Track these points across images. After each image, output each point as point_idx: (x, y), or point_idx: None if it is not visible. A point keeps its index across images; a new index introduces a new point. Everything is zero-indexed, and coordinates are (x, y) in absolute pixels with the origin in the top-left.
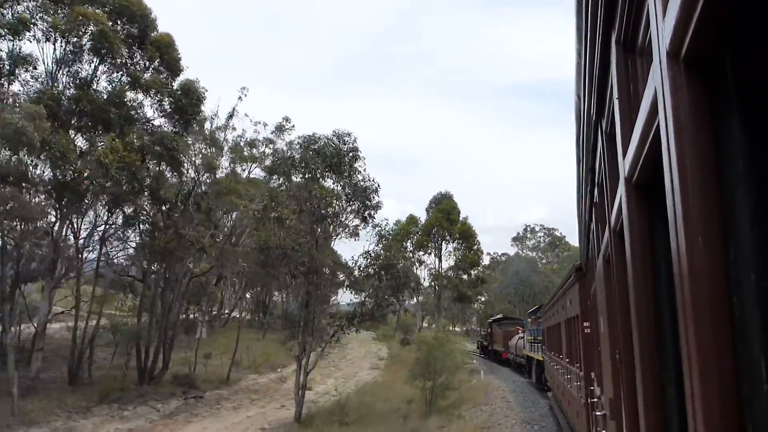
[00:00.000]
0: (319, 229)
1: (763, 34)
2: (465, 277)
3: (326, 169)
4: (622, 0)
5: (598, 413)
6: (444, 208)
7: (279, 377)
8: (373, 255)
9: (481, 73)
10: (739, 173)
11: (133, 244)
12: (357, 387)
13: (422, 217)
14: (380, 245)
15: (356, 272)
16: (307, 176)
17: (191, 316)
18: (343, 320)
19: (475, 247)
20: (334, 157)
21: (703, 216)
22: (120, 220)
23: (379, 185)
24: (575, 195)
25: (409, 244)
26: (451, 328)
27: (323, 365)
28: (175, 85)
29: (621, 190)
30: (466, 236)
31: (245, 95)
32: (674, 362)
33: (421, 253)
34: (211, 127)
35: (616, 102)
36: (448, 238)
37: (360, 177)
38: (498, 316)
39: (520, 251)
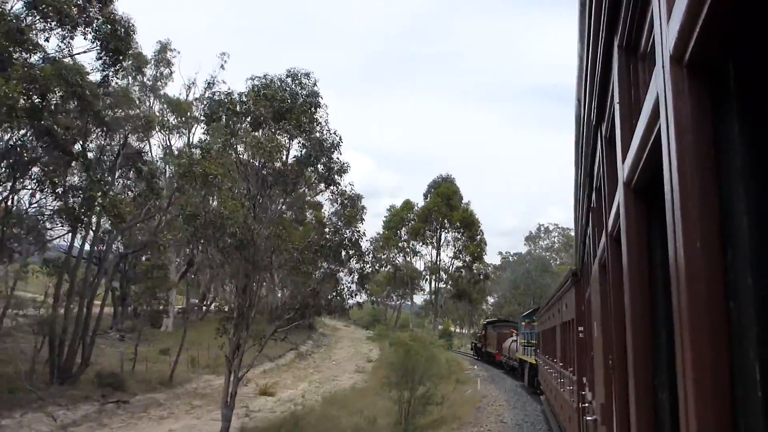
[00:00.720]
0: (263, 197)
1: (765, 40)
2: (465, 271)
3: (276, 117)
4: (625, 4)
5: (588, 418)
6: (443, 192)
7: (239, 379)
8: (327, 225)
9: (503, 74)
10: (738, 179)
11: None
12: (330, 394)
13: (421, 203)
14: (342, 217)
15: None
16: (255, 126)
17: (157, 306)
18: (287, 312)
19: (478, 237)
20: (286, 102)
21: (702, 220)
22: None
23: (341, 139)
24: (572, 199)
25: (404, 232)
26: (458, 329)
27: (301, 366)
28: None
29: (619, 194)
30: (468, 224)
31: (226, 61)
32: (668, 367)
33: (419, 244)
34: (188, 97)
35: (617, 106)
36: (447, 226)
37: (319, 129)
38: (492, 318)
39: (533, 250)
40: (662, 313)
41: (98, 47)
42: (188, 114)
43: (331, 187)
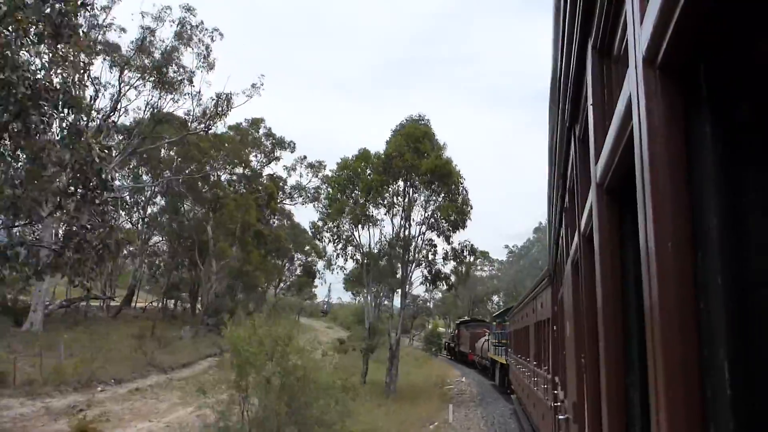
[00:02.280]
0: None
1: (736, 45)
2: (441, 241)
3: None
4: (599, 6)
5: (561, 417)
6: (409, 133)
7: (75, 403)
8: None
9: (518, 77)
10: (709, 179)
11: None
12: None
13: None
14: None
15: None
16: None
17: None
18: None
19: (459, 198)
20: None
21: (673, 221)
22: None
23: None
24: (546, 201)
25: (359, 193)
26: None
27: (213, 380)
28: None
29: (592, 195)
30: (442, 176)
31: None
32: (639, 366)
33: (381, 209)
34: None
35: (590, 108)
36: (416, 181)
37: None
38: (465, 318)
39: (543, 239)
40: (634, 313)
41: None
42: None
43: None
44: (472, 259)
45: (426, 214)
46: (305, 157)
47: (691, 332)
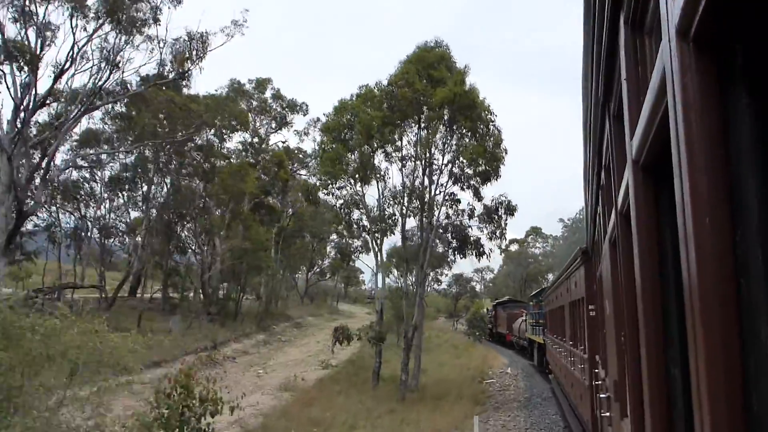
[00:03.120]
0: None
1: None
2: (470, 196)
3: None
4: None
5: (602, 395)
6: (421, 58)
7: None
8: None
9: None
10: (746, 154)
11: None
12: None
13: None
14: None
15: None
16: None
17: None
18: None
19: (491, 140)
20: None
21: (710, 197)
22: None
23: None
24: (582, 179)
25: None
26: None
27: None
28: None
29: (628, 172)
30: (464, 108)
31: None
32: (679, 342)
33: (393, 166)
34: None
35: (624, 83)
36: (430, 116)
37: None
38: (503, 299)
39: None
40: (673, 290)
41: None
42: None
43: None
44: (508, 218)
45: (445, 160)
46: (318, 120)
47: (732, 309)
